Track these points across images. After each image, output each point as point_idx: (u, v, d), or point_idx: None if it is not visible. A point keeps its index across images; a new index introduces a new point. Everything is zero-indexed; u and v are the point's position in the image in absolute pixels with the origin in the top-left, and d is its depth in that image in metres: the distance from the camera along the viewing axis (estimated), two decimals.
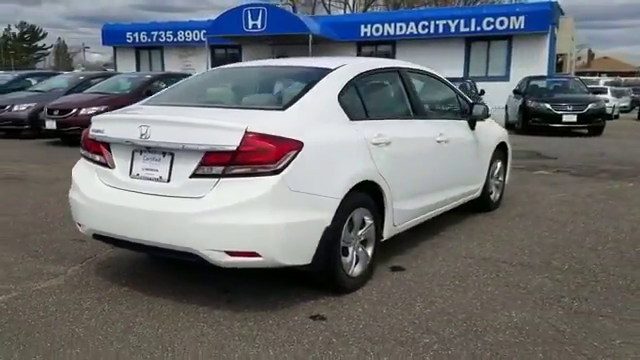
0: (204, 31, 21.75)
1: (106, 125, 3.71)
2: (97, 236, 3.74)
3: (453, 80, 17.53)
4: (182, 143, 3.30)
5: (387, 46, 21.86)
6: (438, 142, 4.72)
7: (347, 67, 4.10)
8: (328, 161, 3.49)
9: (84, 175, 3.82)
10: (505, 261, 4.43)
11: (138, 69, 25.09)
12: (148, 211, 3.36)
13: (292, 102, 3.61)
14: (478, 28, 19.86)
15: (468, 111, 5.37)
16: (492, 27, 19.65)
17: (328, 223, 3.44)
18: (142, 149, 3.50)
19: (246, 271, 3.70)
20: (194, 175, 3.26)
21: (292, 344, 3.05)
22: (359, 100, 4.07)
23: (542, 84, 17.15)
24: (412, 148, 4.40)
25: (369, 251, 3.96)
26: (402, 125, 4.40)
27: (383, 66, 4.63)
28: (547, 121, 14.95)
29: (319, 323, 3.31)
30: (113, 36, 26.02)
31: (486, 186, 5.85)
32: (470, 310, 3.50)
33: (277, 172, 3.18)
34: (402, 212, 4.28)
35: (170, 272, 4.15)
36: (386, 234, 4.17)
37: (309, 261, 3.41)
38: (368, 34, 21.47)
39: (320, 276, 3.65)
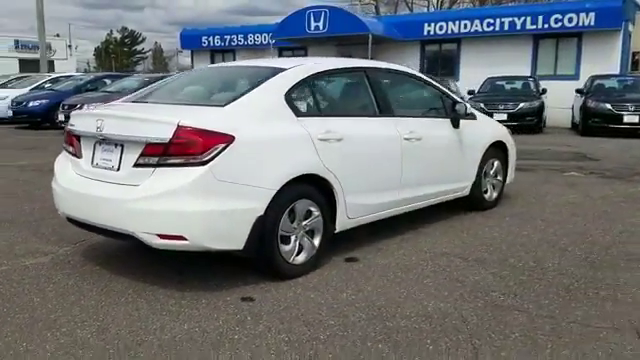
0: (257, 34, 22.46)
1: (77, 120, 4.16)
2: (70, 219, 4.20)
3: (516, 78, 17.38)
4: (128, 135, 3.68)
5: (452, 44, 21.63)
6: (407, 139, 4.83)
7: (301, 67, 4.34)
8: (262, 154, 3.75)
9: (62, 165, 4.30)
10: (462, 257, 4.51)
11: None
12: (100, 197, 3.77)
13: (234, 99, 3.91)
14: (546, 25, 19.24)
15: (451, 110, 5.42)
16: (560, 24, 18.97)
17: (261, 212, 3.70)
18: (101, 141, 3.91)
19: (207, 256, 3.99)
20: (136, 164, 3.63)
21: (208, 320, 3.34)
22: (310, 98, 4.30)
23: (608, 83, 16.38)
24: (370, 145, 4.56)
25: (316, 241, 4.17)
26: (360, 123, 4.57)
27: (343, 66, 4.84)
28: (607, 122, 14.31)
29: (245, 304, 3.58)
30: (190, 40, 27.35)
31: (477, 185, 5.86)
32: (392, 299, 3.64)
33: (204, 163, 3.48)
34: (358, 206, 4.45)
35: (146, 256, 4.43)
36: (339, 226, 4.37)
37: (241, 247, 3.69)
38: (431, 32, 21.33)
39: (258, 262, 3.92)
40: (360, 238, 4.87)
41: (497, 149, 6.15)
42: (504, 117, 15.02)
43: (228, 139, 3.57)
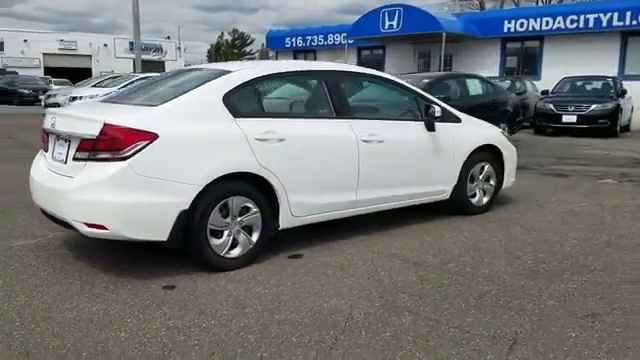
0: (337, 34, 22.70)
1: (46, 117, 4.64)
2: (41, 210, 4.67)
3: (594, 78, 16.42)
4: (70, 132, 4.09)
5: (534, 42, 20.77)
6: (366, 141, 4.90)
7: (246, 71, 4.55)
8: (188, 152, 4.01)
9: (37, 159, 4.79)
10: (405, 259, 4.53)
11: None
12: (52, 188, 4.21)
13: (169, 100, 4.20)
14: (634, 22, 18.00)
15: (425, 113, 5.41)
16: None
17: (185, 207, 3.96)
18: (58, 136, 4.35)
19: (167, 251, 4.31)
20: (74, 158, 4.02)
21: (118, 304, 3.64)
22: (253, 100, 4.50)
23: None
24: (320, 146, 4.67)
25: (254, 237, 4.37)
26: (309, 124, 4.70)
27: (295, 70, 5.01)
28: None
29: (164, 291, 3.85)
30: (275, 41, 28.20)
31: (461, 189, 5.79)
32: (300, 295, 3.78)
33: (124, 159, 3.80)
34: (304, 205, 4.60)
35: (121, 247, 4.65)
36: (284, 224, 4.55)
37: (165, 238, 3.97)
38: (512, 30, 20.61)
39: (190, 254, 4.18)
40: (319, 236, 5.01)
41: (487, 152, 6.01)
42: (573, 119, 14.33)
43: (150, 137, 3.86)
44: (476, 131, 5.99)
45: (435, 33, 19.18)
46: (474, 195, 6.01)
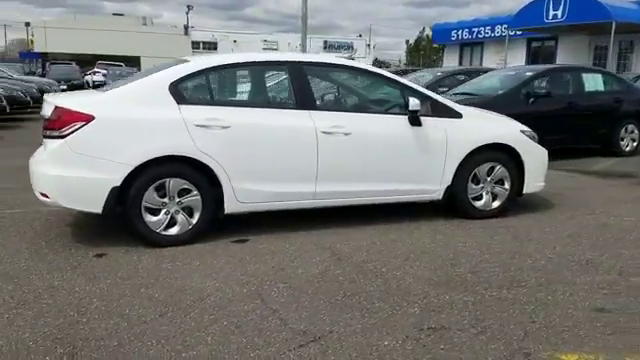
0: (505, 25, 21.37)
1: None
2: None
3: None
4: (43, 114, 4.72)
5: None
6: (326, 133, 4.83)
7: (200, 61, 4.80)
8: (124, 133, 4.40)
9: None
10: (340, 256, 4.38)
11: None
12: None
13: (119, 86, 4.63)
14: None
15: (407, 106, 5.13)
16: None
17: (116, 183, 4.36)
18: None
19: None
20: (43, 136, 4.63)
21: (52, 265, 4.14)
22: (201, 89, 4.75)
23: None
24: (270, 135, 4.74)
25: (194, 218, 4.62)
26: (261, 113, 4.77)
27: (254, 60, 5.10)
28: None
29: (95, 259, 4.25)
30: (441, 35, 27.57)
31: (460, 190, 5.38)
32: (189, 274, 3.97)
33: (63, 136, 4.32)
34: (252, 192, 4.73)
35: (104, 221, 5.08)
36: (229, 208, 4.73)
37: (99, 210, 4.42)
38: None
39: (127, 228, 4.57)
40: (284, 224, 5.10)
41: (500, 152, 5.48)
42: None
43: (87, 118, 4.32)
44: (481, 128, 5.49)
45: (604, 23, 17.22)
46: (479, 198, 5.52)
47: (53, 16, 62.33)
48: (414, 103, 5.03)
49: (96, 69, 36.82)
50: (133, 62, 50.69)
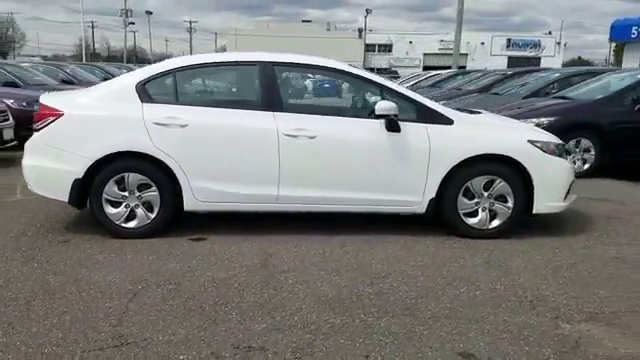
0: None
1: None
2: None
3: None
4: None
5: None
6: (289, 136, 4.66)
7: (170, 60, 4.93)
8: (88, 129, 4.68)
9: None
10: (270, 267, 4.17)
11: None
12: None
13: (99, 84, 4.93)
14: None
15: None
16: None
17: (79, 175, 4.66)
18: None
19: None
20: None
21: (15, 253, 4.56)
22: (166, 88, 4.85)
23: None
24: (228, 135, 4.69)
25: (153, 213, 4.77)
26: (220, 113, 4.73)
27: (222, 60, 5.05)
28: None
29: (60, 244, 4.61)
30: (620, 31, 24.64)
31: (447, 204, 4.83)
32: (92, 279, 3.90)
33: (37, 130, 4.73)
34: (210, 191, 4.74)
35: None
36: (188, 206, 4.79)
37: (66, 199, 4.75)
38: None
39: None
40: (253, 228, 5.03)
41: (501, 165, 4.82)
42: None
43: (57, 114, 4.68)
44: (475, 136, 4.84)
45: None
46: (473, 214, 4.90)
47: (261, 23, 67.59)
48: (382, 107, 4.63)
49: None
50: None
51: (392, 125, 4.72)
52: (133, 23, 70.31)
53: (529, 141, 4.88)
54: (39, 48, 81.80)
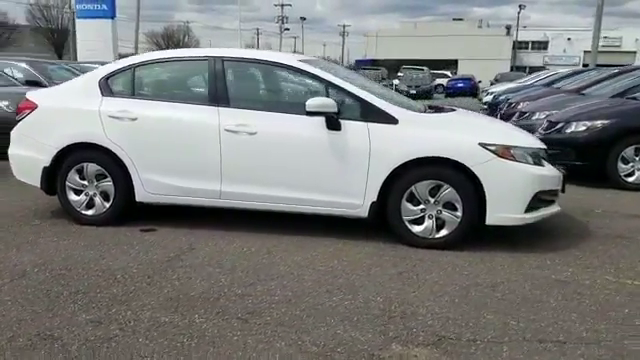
0: None
1: None
2: None
3: None
4: None
5: None
6: (230, 131, 4.66)
7: (134, 56, 5.14)
8: (54, 120, 5.06)
9: None
10: (184, 259, 4.26)
11: None
12: None
13: (74, 79, 5.30)
14: None
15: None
16: None
17: (46, 164, 5.05)
18: None
19: None
20: None
21: None
22: (125, 83, 5.06)
23: None
24: (173, 129, 4.80)
25: (108, 203, 5.04)
26: (168, 107, 4.85)
27: (176, 56, 5.17)
28: None
29: (29, 227, 5.06)
30: None
31: (388, 209, 4.52)
32: (16, 260, 4.29)
33: (18, 122, 5.22)
34: (157, 183, 4.89)
35: None
36: (139, 197, 4.99)
37: (39, 186, 5.18)
38: None
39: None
40: (204, 221, 5.09)
41: (449, 169, 4.38)
42: None
43: (32, 106, 5.14)
44: (419, 137, 4.44)
45: None
46: (419, 222, 4.51)
47: (408, 24, 67.22)
48: (312, 104, 4.43)
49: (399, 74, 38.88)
50: (452, 65, 51.74)
51: (331, 123, 4.51)
52: (288, 29, 73.80)
53: (481, 144, 4.38)
54: None
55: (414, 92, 31.53)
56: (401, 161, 4.42)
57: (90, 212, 5.07)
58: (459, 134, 4.51)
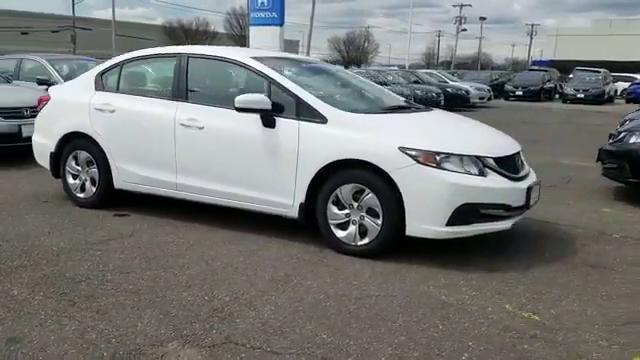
0: None
1: None
2: None
3: None
4: None
5: None
6: (183, 125, 4.86)
7: (125, 54, 5.51)
8: (60, 111, 5.67)
9: None
10: (110, 242, 4.59)
11: None
12: None
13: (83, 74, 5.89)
14: None
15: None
16: None
17: (52, 149, 5.70)
18: None
19: None
20: None
21: None
22: (114, 78, 5.46)
23: None
24: (140, 122, 5.11)
25: (94, 188, 5.52)
26: (140, 101, 5.16)
27: (156, 53, 5.45)
28: None
29: (31, 202, 5.79)
30: None
31: (316, 211, 4.37)
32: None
33: (38, 112, 5.94)
34: (129, 172, 5.25)
35: None
36: (116, 184, 5.39)
37: (49, 169, 5.86)
38: None
39: None
40: (178, 212, 5.31)
41: (371, 174, 4.11)
42: None
43: (47, 99, 5.81)
44: (344, 138, 4.19)
45: None
46: (344, 227, 4.28)
47: (603, 22, 61.29)
48: (240, 100, 4.43)
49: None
50: None
51: (264, 120, 4.48)
52: (465, 30, 71.63)
53: (401, 148, 4.02)
54: (389, 58, 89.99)
55: (581, 96, 28.94)
56: (325, 162, 4.24)
57: (82, 195, 5.58)
58: (384, 137, 4.17)
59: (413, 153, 3.99)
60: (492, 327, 3.14)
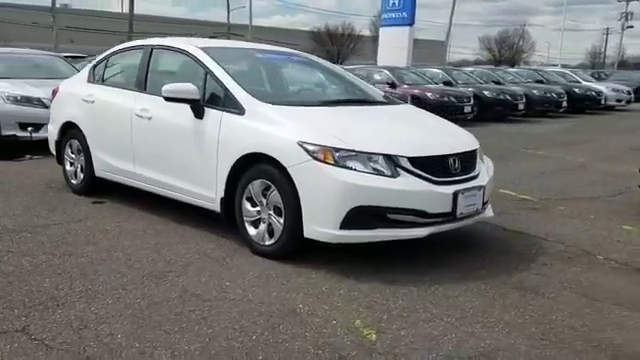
0: None
1: None
2: None
3: None
4: None
5: None
6: (137, 116, 4.91)
7: (114, 47, 5.69)
8: (63, 101, 6.01)
9: None
10: (71, 230, 4.75)
11: None
12: None
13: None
14: None
15: None
16: None
17: (56, 138, 6.08)
18: None
19: None
20: None
21: None
22: (100, 71, 5.66)
23: None
24: (109, 113, 5.26)
25: (82, 175, 5.78)
26: (113, 92, 5.30)
27: (130, 45, 5.60)
28: None
29: (37, 187, 6.22)
30: None
31: (234, 207, 4.17)
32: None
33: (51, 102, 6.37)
34: (102, 161, 5.40)
35: None
36: (97, 172, 5.57)
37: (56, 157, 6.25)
38: None
39: None
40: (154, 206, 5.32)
41: (276, 169, 3.82)
42: None
43: (57, 90, 6.21)
44: (257, 131, 3.93)
45: None
46: (256, 224, 4.02)
47: None
48: (167, 89, 4.34)
49: None
50: None
51: (194, 110, 4.37)
52: (632, 27, 64.76)
53: (300, 143, 3.67)
54: (547, 57, 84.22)
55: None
56: (238, 155, 4.02)
57: (75, 182, 5.86)
58: (290, 130, 3.82)
59: (310, 148, 3.63)
60: (311, 341, 2.75)
